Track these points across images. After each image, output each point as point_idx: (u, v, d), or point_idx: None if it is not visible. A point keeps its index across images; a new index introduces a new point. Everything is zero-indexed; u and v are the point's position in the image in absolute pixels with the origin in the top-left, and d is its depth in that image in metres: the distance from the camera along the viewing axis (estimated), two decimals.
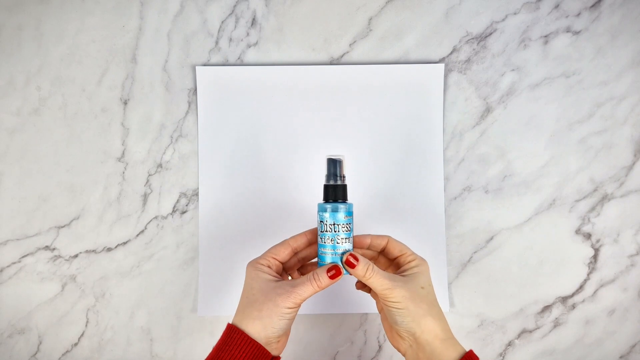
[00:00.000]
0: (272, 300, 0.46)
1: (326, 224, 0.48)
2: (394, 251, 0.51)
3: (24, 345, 0.61)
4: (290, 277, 0.53)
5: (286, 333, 0.48)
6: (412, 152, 0.61)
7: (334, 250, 0.48)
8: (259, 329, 0.45)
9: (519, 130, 0.61)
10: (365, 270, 0.47)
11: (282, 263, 0.50)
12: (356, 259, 0.47)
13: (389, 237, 0.52)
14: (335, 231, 0.48)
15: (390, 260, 0.52)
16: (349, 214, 0.49)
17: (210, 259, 0.61)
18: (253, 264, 0.49)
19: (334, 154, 0.50)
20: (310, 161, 0.61)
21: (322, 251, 0.49)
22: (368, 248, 0.52)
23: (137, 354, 0.62)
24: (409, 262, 0.50)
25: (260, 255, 0.50)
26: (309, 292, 0.46)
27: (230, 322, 0.47)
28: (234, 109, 0.61)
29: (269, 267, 0.49)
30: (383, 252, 0.52)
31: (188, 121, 0.61)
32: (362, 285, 0.53)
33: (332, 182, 0.49)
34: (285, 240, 0.51)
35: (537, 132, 0.61)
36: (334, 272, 0.47)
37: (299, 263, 0.52)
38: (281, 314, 0.45)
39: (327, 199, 0.49)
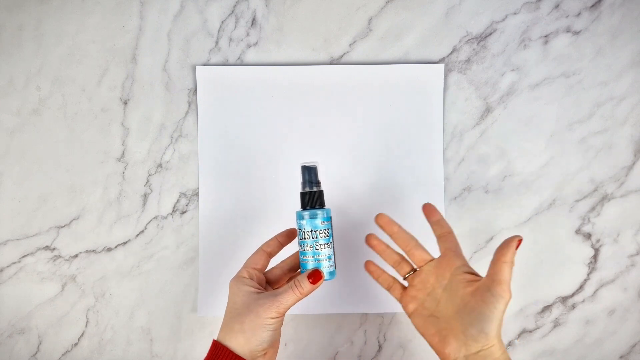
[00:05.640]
0: (254, 311, 0.45)
1: (304, 231, 0.48)
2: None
3: (24, 345, 0.61)
4: None
5: (273, 345, 0.47)
6: (412, 152, 0.61)
7: (314, 256, 0.48)
8: (242, 343, 0.45)
9: (519, 130, 0.61)
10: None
11: (264, 272, 0.50)
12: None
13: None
14: (313, 238, 0.48)
15: None
16: (327, 219, 0.49)
17: (210, 259, 0.61)
18: (234, 278, 0.49)
19: (308, 161, 0.50)
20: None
21: (303, 259, 0.49)
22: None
23: (137, 354, 0.62)
24: None
25: (240, 269, 0.50)
26: (292, 299, 0.46)
27: (215, 338, 0.47)
28: (234, 109, 0.61)
29: (250, 278, 0.48)
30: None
31: (188, 121, 0.61)
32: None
33: (307, 189, 0.49)
34: (258, 248, 0.51)
35: (537, 132, 0.61)
36: (315, 277, 0.47)
37: (286, 276, 0.52)
38: (264, 325, 0.45)
39: (304, 206, 0.49)
